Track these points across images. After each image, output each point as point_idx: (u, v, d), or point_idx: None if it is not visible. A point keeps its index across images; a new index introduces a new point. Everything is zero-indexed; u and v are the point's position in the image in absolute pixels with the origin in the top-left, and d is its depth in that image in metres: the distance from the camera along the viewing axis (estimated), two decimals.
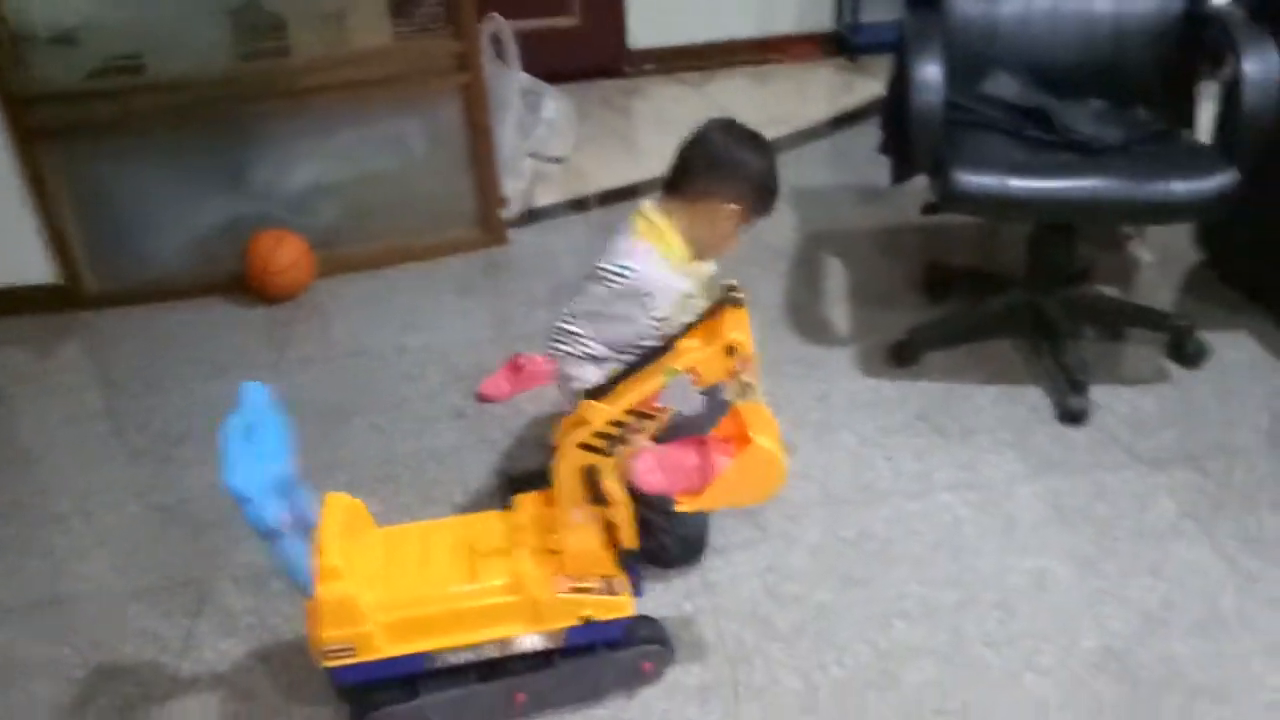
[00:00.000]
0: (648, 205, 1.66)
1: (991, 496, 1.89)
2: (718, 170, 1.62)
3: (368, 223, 2.91)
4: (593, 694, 1.52)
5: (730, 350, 1.33)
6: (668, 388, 1.36)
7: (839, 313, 2.54)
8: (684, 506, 1.43)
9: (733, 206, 1.63)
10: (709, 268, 1.70)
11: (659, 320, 1.58)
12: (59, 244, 2.69)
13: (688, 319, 1.46)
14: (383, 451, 2.11)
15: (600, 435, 1.37)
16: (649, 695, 1.53)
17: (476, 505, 1.92)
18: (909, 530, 1.82)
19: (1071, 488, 1.90)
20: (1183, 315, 2.33)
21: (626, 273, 1.59)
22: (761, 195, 1.66)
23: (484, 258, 2.93)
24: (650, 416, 1.38)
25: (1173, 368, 2.22)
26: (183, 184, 2.79)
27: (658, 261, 1.61)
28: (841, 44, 4.55)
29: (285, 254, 2.69)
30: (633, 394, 1.36)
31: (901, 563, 1.75)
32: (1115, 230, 2.79)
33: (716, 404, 1.45)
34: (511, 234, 3.01)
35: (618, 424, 1.37)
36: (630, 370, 1.40)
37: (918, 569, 1.74)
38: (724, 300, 1.36)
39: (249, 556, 1.84)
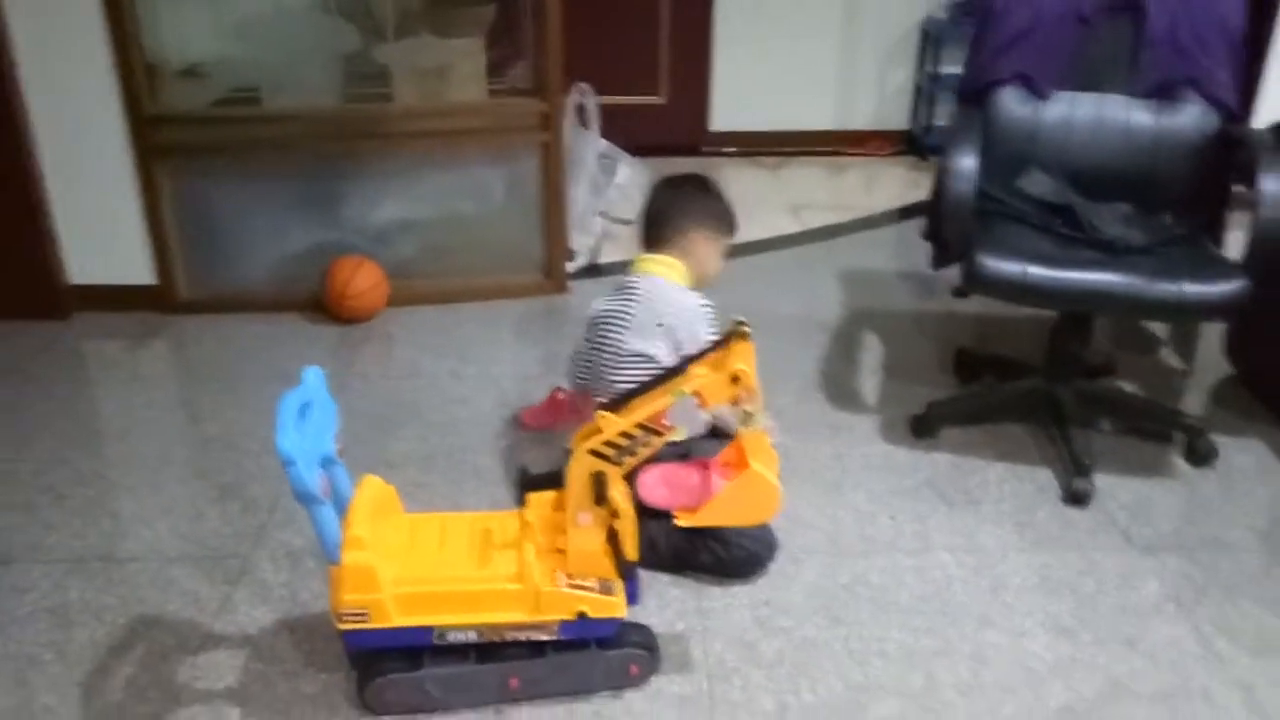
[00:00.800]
0: (645, 256, 2.06)
1: (985, 560, 1.98)
2: (685, 211, 2.05)
3: (441, 259, 3.15)
4: (582, 687, 1.64)
5: (735, 379, 1.48)
6: (675, 407, 1.50)
7: (869, 384, 2.67)
8: (682, 521, 1.57)
9: (706, 233, 2.05)
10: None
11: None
12: (160, 250, 2.98)
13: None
14: (424, 460, 2.28)
15: (610, 444, 1.51)
16: (632, 697, 1.65)
17: None
18: (900, 582, 1.92)
19: (1063, 562, 1.98)
20: (1196, 416, 2.41)
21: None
22: (720, 215, 2.09)
23: (545, 304, 3.13)
24: (658, 432, 1.52)
25: (1181, 464, 2.29)
26: (277, 207, 3.07)
27: (678, 287, 1.98)
28: (914, 143, 4.74)
29: (363, 280, 2.93)
30: (644, 410, 1.51)
31: (889, 610, 1.85)
32: (1147, 334, 2.87)
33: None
34: (573, 285, 3.22)
35: (627, 436, 1.51)
36: (644, 389, 1.55)
37: (903, 617, 1.83)
38: (733, 333, 1.51)
39: (290, 538, 2.02)
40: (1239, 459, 2.30)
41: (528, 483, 1.62)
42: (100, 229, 2.92)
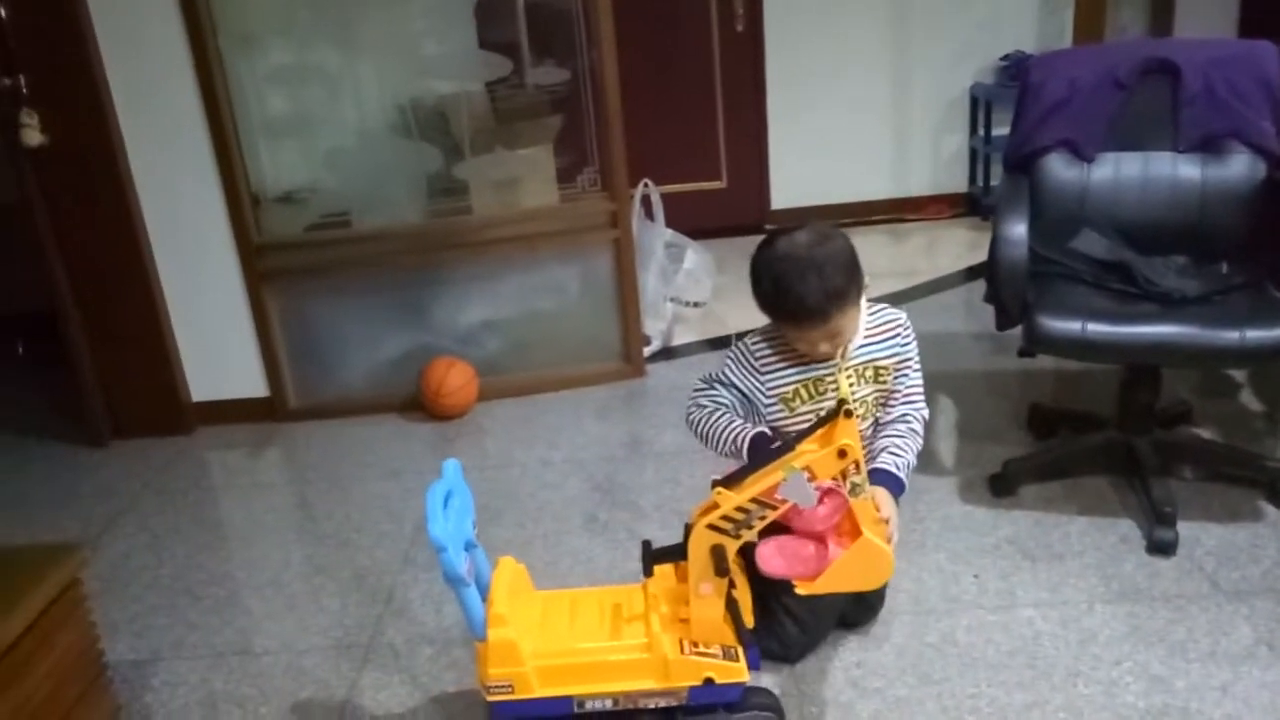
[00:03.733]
0: None
1: (1072, 614, 2.03)
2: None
3: (525, 354, 3.34)
4: None
5: (842, 453, 1.59)
6: (787, 482, 1.62)
7: (945, 446, 2.74)
8: (802, 590, 1.67)
9: (769, 320, 1.92)
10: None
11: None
12: (271, 365, 3.22)
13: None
14: (523, 546, 2.42)
15: (727, 519, 1.63)
16: None
17: None
18: (988, 639, 1.98)
19: (1151, 611, 2.02)
20: (1277, 459, 2.42)
21: None
22: (769, 308, 1.88)
23: (624, 388, 3.29)
24: (772, 506, 1.63)
25: (1267, 508, 2.31)
26: (372, 318, 3.31)
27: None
28: (974, 204, 4.83)
29: (455, 378, 3.12)
30: (757, 486, 1.62)
31: (978, 666, 1.91)
32: (1223, 379, 2.90)
33: None
34: (650, 368, 3.38)
35: (743, 510, 1.63)
36: (755, 466, 1.66)
37: (992, 673, 1.89)
38: (837, 412, 1.63)
39: (405, 625, 2.17)
40: None
41: (652, 556, 1.73)
42: (216, 349, 3.19)
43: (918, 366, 2.02)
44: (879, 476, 1.85)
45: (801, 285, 1.79)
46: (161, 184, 3.03)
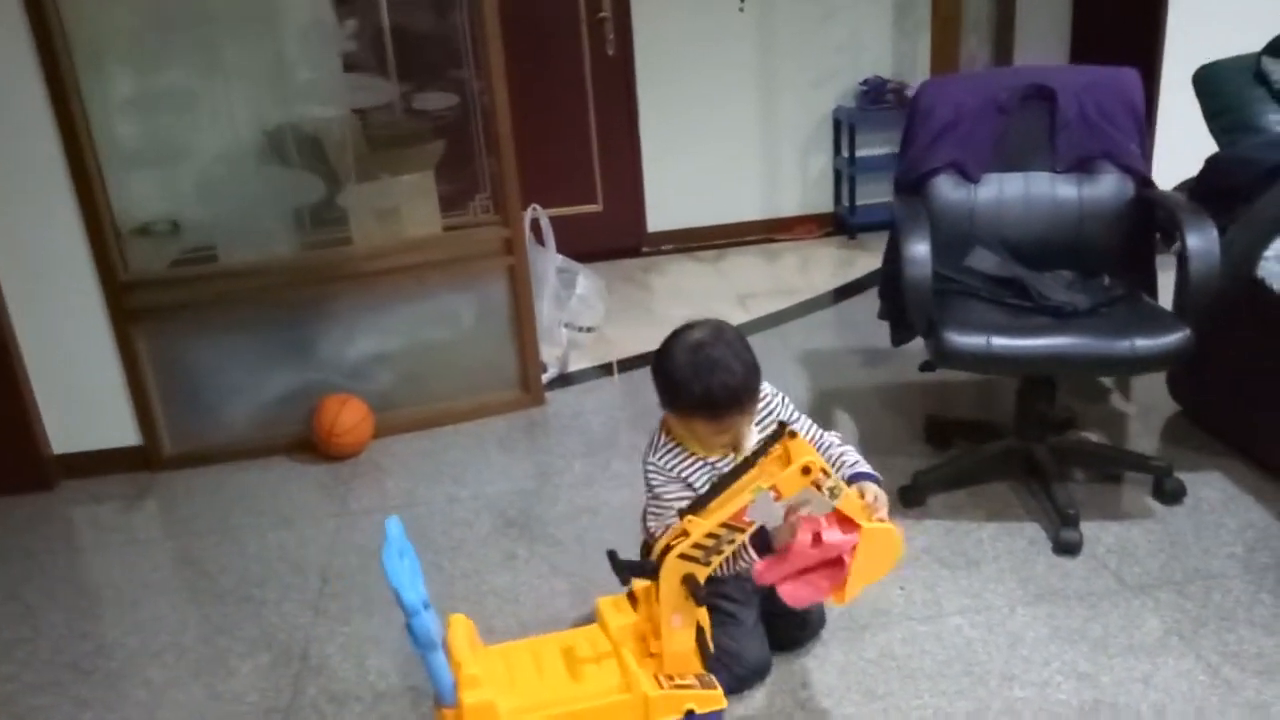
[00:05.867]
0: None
1: (996, 618, 2.10)
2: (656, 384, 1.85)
3: (420, 387, 3.22)
4: None
5: (805, 470, 1.59)
6: (754, 503, 1.61)
7: None
8: (838, 602, 1.68)
9: (672, 412, 1.84)
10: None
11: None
12: (142, 411, 2.99)
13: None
14: (444, 587, 2.33)
15: (698, 546, 1.61)
16: None
17: (534, 634, 2.13)
18: (923, 650, 2.03)
19: (1068, 610, 2.11)
20: (1161, 458, 2.59)
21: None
22: (672, 400, 1.81)
23: (525, 417, 3.22)
24: (740, 529, 1.62)
25: (1155, 504, 2.47)
26: (253, 356, 3.12)
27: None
28: (840, 223, 5.00)
29: (349, 417, 2.98)
30: (725, 509, 1.60)
31: (918, 677, 1.95)
32: (1096, 384, 3.09)
33: None
34: (549, 395, 3.32)
35: (713, 536, 1.61)
36: (716, 490, 1.64)
37: (932, 683, 1.93)
38: (781, 434, 1.62)
39: (326, 683, 2.05)
40: (1205, 492, 2.48)
41: (626, 568, 1.69)
42: (80, 396, 2.94)
43: (806, 420, 1.98)
44: (855, 478, 1.84)
45: (724, 374, 1.75)
46: (11, 215, 2.77)
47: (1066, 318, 2.36)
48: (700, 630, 1.66)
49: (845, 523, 1.64)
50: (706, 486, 1.88)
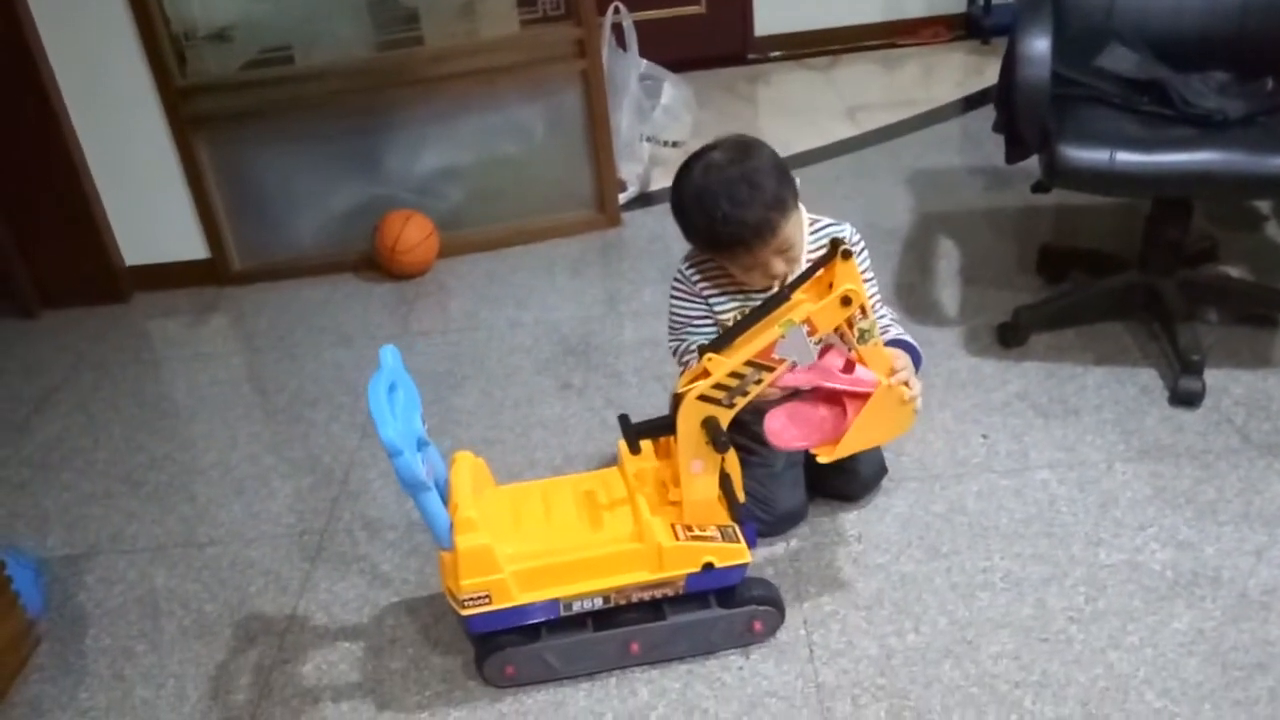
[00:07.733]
0: None
1: (1090, 475, 1.86)
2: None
3: (489, 205, 3.05)
4: (705, 647, 1.57)
5: (845, 300, 1.37)
6: (784, 339, 1.40)
7: (948, 294, 2.52)
8: (824, 457, 1.49)
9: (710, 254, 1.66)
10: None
11: None
12: (209, 224, 2.93)
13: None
14: (491, 417, 2.22)
15: (720, 386, 1.41)
16: (727, 650, 1.58)
17: (576, 470, 2.01)
18: (1000, 506, 1.81)
19: (1176, 469, 1.85)
20: None
21: None
22: (707, 242, 1.62)
23: (599, 239, 3.03)
24: (769, 368, 1.42)
25: None
26: (320, 168, 3.00)
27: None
28: (973, 26, 4.46)
29: (413, 233, 2.85)
30: (751, 346, 1.40)
31: (990, 536, 1.75)
32: (1249, 210, 2.67)
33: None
34: (626, 216, 3.10)
35: (737, 375, 1.41)
36: (745, 324, 1.43)
37: (1006, 543, 1.73)
38: (833, 253, 1.39)
39: (364, 508, 1.99)
40: None
41: (636, 430, 1.51)
42: (147, 208, 2.89)
43: (875, 285, 1.72)
44: (895, 343, 1.61)
45: (735, 206, 1.52)
46: (71, 24, 2.66)
47: (1214, 128, 1.97)
48: (727, 478, 1.48)
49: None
50: (731, 316, 1.68)
